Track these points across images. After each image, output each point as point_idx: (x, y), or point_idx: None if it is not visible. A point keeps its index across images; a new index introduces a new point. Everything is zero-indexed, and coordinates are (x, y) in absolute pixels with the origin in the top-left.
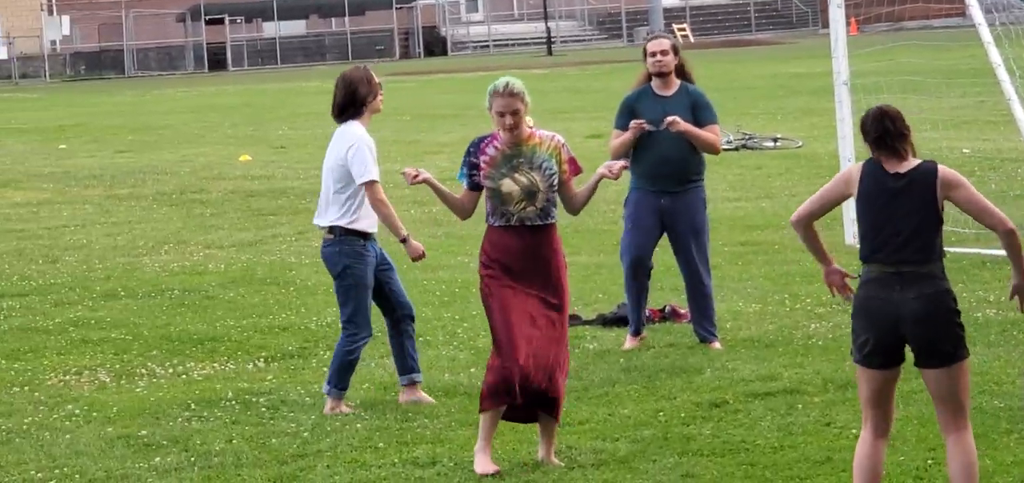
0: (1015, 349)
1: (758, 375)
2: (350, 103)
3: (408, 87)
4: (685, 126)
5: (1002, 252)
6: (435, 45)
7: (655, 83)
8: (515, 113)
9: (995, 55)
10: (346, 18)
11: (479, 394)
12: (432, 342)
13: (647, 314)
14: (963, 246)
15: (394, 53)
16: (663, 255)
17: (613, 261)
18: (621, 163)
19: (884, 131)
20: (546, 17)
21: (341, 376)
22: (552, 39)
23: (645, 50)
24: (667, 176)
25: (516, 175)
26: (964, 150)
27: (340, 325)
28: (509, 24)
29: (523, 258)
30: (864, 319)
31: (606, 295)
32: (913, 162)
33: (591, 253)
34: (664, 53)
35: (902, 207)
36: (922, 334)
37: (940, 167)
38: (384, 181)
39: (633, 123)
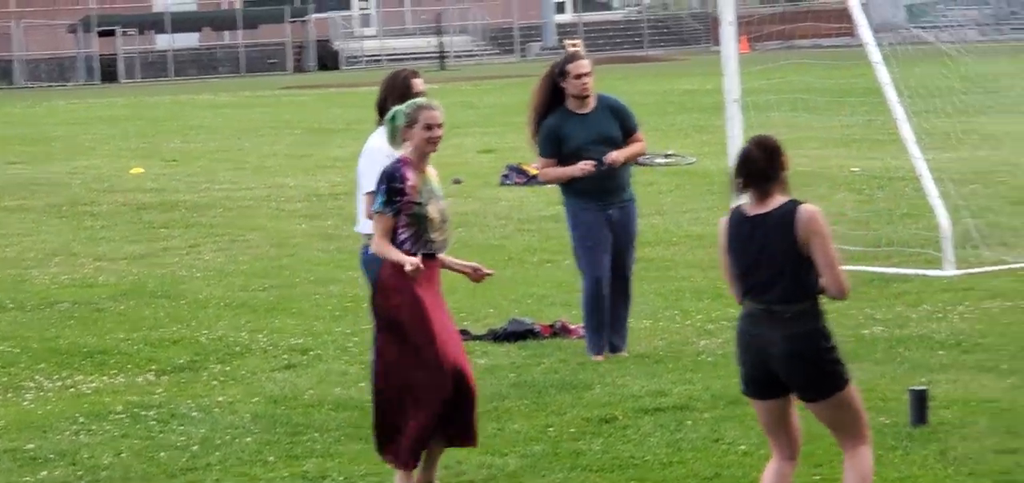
0: (901, 366)
1: (648, 391)
2: (379, 109)
3: (301, 101)
4: (624, 156)
5: (889, 269)
6: (328, 59)
7: (573, 103)
8: (441, 125)
9: (884, 74)
10: (239, 31)
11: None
12: (323, 356)
13: (537, 329)
14: (850, 264)
15: (287, 67)
16: (554, 272)
17: (504, 276)
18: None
19: (748, 173)
20: (439, 32)
21: None
22: (445, 54)
23: (566, 71)
24: (613, 190)
25: (432, 202)
26: (853, 168)
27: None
28: (402, 39)
29: (434, 286)
30: (740, 352)
31: (496, 310)
32: (778, 201)
33: None
34: (588, 75)
35: (766, 249)
36: (791, 375)
37: (802, 207)
38: (277, 195)
39: (581, 166)
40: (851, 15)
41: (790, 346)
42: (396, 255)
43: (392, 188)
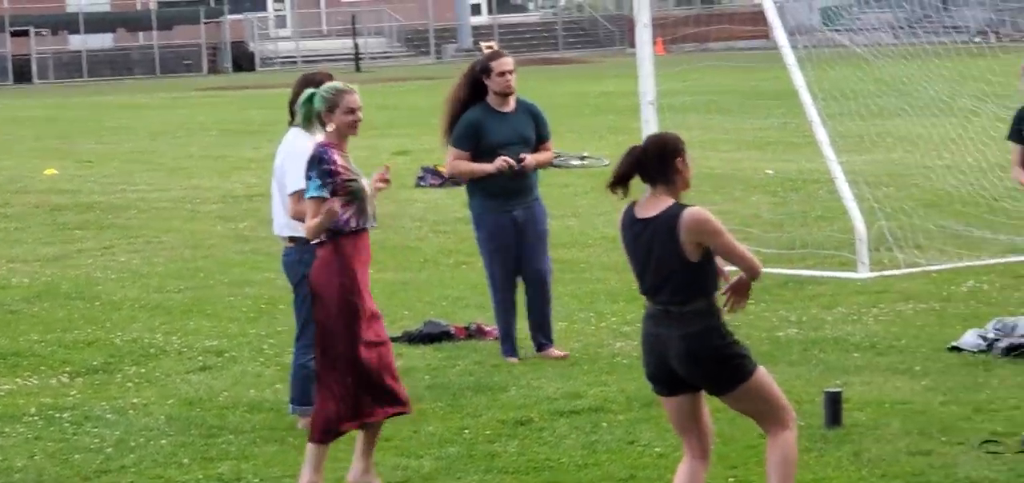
0: (815, 368)
1: (563, 393)
2: (291, 110)
3: (216, 102)
4: (536, 162)
5: (804, 271)
6: (243, 60)
7: (495, 100)
8: (361, 108)
9: (798, 77)
10: (153, 32)
11: (313, 423)
12: (238, 358)
13: (452, 331)
14: (766, 266)
15: (202, 68)
16: (469, 273)
17: (419, 278)
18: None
19: (630, 167)
20: (354, 33)
21: (304, 391)
22: (360, 55)
23: (489, 69)
24: (520, 191)
25: (361, 177)
26: (767, 171)
27: (295, 338)
28: (317, 40)
29: (366, 261)
30: (643, 352)
31: (412, 312)
32: (665, 204)
33: (397, 270)
34: (511, 73)
35: (653, 252)
36: (690, 372)
37: (686, 212)
38: (192, 196)
39: (501, 162)
40: (766, 18)
41: (686, 345)
42: (330, 206)
43: (324, 170)
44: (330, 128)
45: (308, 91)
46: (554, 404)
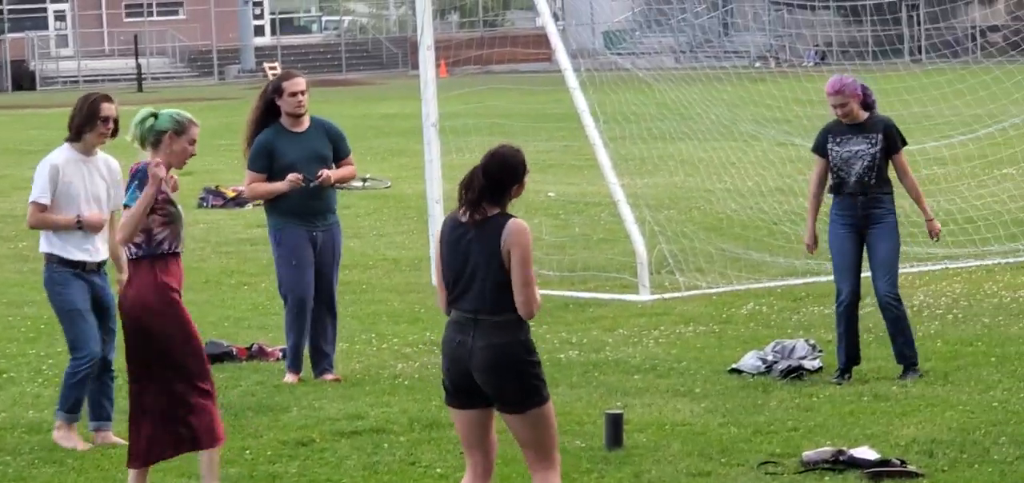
0: (596, 390)
1: (345, 414)
2: (70, 128)
3: None
4: (337, 177)
5: (585, 294)
6: (24, 79)
7: (288, 121)
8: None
9: (581, 100)
10: None
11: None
12: (16, 379)
13: (234, 351)
14: (546, 289)
15: None
16: (251, 294)
17: (200, 299)
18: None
19: (482, 191)
20: (137, 54)
21: (65, 399)
22: (143, 76)
23: (281, 89)
24: (319, 212)
25: (175, 204)
26: (549, 194)
27: None
28: (100, 60)
29: (180, 285)
30: (444, 360)
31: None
32: (491, 211)
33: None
34: (303, 93)
35: (471, 257)
36: (489, 382)
37: (512, 222)
38: None
39: (291, 178)
40: (549, 40)
41: (490, 354)
42: (141, 204)
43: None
44: (170, 150)
45: (150, 108)
46: (336, 425)
